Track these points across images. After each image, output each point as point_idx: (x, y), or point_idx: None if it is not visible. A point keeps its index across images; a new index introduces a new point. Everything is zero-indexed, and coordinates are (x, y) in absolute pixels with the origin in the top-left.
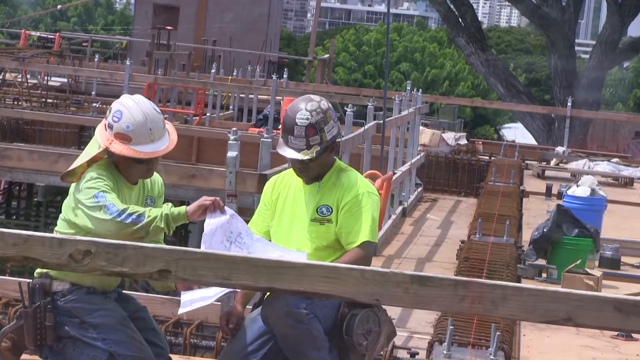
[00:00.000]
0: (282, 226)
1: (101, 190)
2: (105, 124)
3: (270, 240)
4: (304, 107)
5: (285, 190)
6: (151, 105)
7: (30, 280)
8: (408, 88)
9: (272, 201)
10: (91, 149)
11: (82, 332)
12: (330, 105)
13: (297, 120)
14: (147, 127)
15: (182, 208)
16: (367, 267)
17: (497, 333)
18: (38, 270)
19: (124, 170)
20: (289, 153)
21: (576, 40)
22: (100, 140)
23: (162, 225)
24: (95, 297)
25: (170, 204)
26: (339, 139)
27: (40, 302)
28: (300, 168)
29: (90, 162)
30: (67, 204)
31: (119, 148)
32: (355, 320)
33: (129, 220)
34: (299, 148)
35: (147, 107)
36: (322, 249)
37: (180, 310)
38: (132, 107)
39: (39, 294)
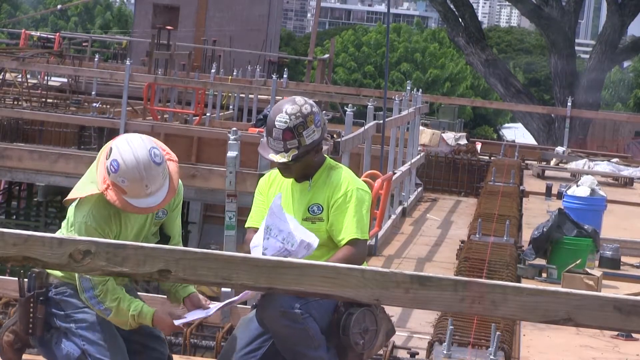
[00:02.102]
0: None
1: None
2: (105, 166)
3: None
4: (285, 110)
5: (278, 189)
6: (151, 155)
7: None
8: (408, 88)
9: (269, 195)
10: (90, 186)
11: (65, 325)
12: (314, 109)
13: (275, 123)
14: (144, 184)
15: (150, 314)
16: (367, 267)
17: (497, 333)
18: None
19: None
20: (267, 154)
21: (576, 40)
22: (98, 180)
23: (127, 321)
24: None
25: (142, 308)
26: (339, 139)
27: (34, 292)
28: (282, 168)
29: None
30: (65, 225)
31: (113, 197)
32: (351, 320)
33: (93, 302)
34: (277, 150)
35: (145, 160)
36: (316, 248)
37: (177, 322)
38: (128, 161)
39: (34, 283)
